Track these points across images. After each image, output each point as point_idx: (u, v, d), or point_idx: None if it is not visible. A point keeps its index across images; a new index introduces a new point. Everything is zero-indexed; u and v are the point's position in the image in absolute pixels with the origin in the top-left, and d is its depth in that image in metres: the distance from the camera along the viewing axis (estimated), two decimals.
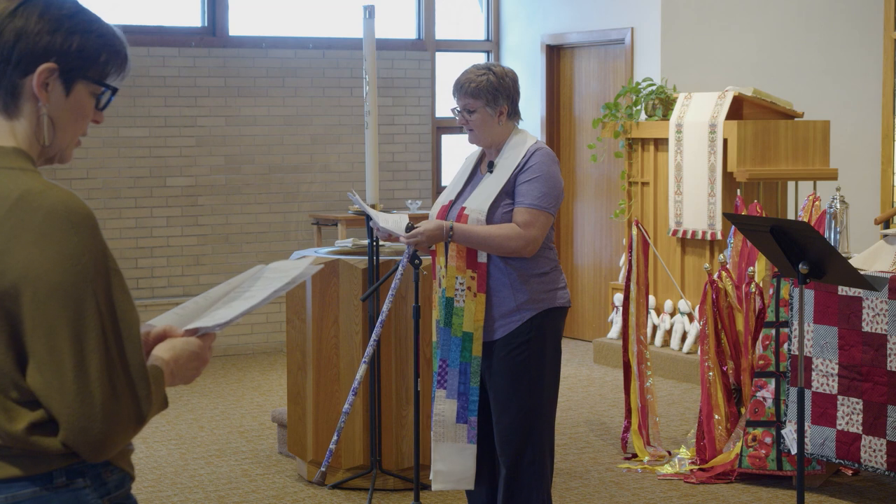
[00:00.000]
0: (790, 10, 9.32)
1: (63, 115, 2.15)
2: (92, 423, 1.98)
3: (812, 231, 4.63)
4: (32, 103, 2.12)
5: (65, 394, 1.97)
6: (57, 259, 1.98)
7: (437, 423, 4.48)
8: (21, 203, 2.01)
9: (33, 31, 2.10)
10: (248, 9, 9.61)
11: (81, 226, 2.00)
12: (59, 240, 1.98)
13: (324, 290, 5.79)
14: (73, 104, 2.15)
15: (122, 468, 2.16)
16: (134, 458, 2.49)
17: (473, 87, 4.41)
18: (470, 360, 4.40)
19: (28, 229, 1.99)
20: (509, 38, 10.39)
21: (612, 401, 7.67)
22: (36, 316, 1.97)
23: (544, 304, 4.38)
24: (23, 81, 2.11)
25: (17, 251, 1.98)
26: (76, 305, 1.98)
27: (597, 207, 9.64)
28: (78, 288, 1.98)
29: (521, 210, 4.32)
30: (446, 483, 4.51)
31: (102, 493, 2.11)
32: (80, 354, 1.97)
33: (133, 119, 9.10)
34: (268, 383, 8.30)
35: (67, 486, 2.07)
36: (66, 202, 2.01)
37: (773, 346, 5.88)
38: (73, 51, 2.12)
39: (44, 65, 2.10)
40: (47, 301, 1.97)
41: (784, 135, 7.92)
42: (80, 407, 1.97)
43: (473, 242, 4.34)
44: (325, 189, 9.71)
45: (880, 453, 5.34)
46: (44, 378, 1.98)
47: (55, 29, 2.11)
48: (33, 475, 2.05)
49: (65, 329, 1.97)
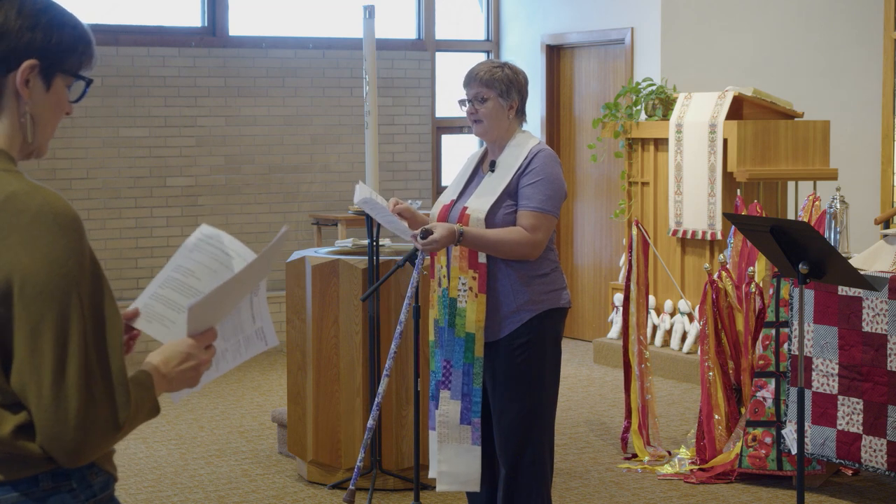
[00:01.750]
0: (790, 10, 9.32)
1: (44, 111, 2.14)
2: (65, 429, 1.95)
3: (812, 231, 4.63)
4: (13, 101, 2.10)
5: (41, 398, 1.95)
6: (44, 261, 1.96)
7: (442, 424, 4.47)
8: (8, 205, 1.99)
9: (14, 29, 2.08)
10: (248, 9, 9.61)
11: (68, 228, 1.99)
12: (47, 242, 1.97)
13: (324, 290, 5.79)
14: (53, 98, 2.14)
15: (106, 470, 2.14)
16: (134, 458, 2.50)
17: (489, 77, 4.43)
18: (472, 361, 4.40)
19: (15, 231, 1.97)
20: (509, 38, 10.39)
21: (612, 401, 7.67)
22: (20, 317, 1.96)
23: (545, 305, 4.38)
24: (4, 80, 2.09)
25: (4, 253, 1.97)
26: (61, 308, 1.96)
27: (597, 207, 9.64)
28: (63, 291, 1.96)
29: (527, 213, 4.32)
30: (452, 484, 4.49)
31: (88, 495, 2.09)
32: (60, 358, 1.95)
33: (133, 119, 9.10)
34: (268, 383, 8.30)
35: (54, 489, 2.05)
36: (53, 204, 1.99)
37: (773, 346, 5.88)
38: (53, 45, 2.11)
39: (27, 62, 2.09)
40: (33, 303, 1.95)
41: (784, 135, 7.92)
42: (54, 413, 1.95)
43: (482, 246, 4.33)
44: (325, 189, 9.71)
45: (880, 453, 5.34)
46: (23, 380, 1.96)
47: (34, 25, 2.09)
48: (16, 479, 2.03)
49: (48, 331, 1.95)
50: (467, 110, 4.49)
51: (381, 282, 5.26)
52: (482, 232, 4.32)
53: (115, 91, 9.02)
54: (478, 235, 4.32)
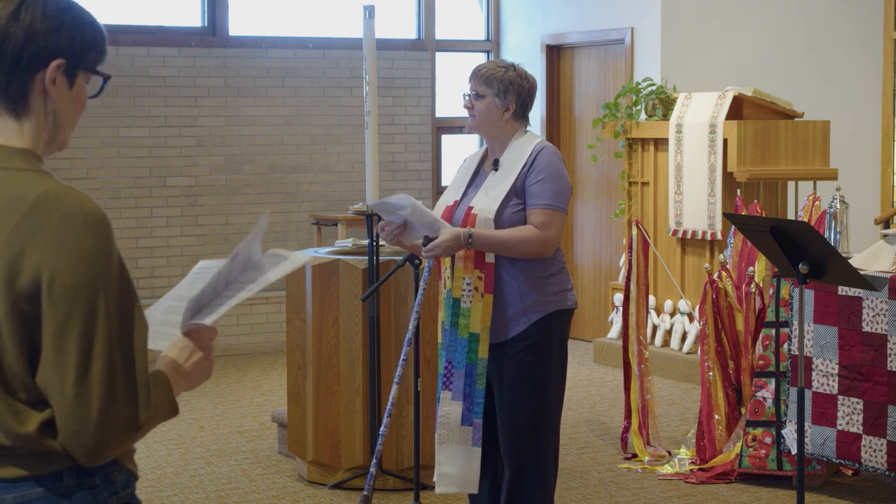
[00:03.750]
0: (790, 10, 9.32)
1: (67, 108, 2.17)
2: (87, 428, 1.97)
3: (812, 231, 4.63)
4: (41, 101, 2.13)
5: (64, 395, 1.97)
6: (72, 261, 1.98)
7: (442, 425, 4.44)
8: (39, 206, 2.02)
9: (41, 30, 2.10)
10: (248, 9, 9.61)
11: (98, 229, 2.01)
12: (75, 242, 1.99)
13: (324, 290, 5.79)
14: (75, 95, 2.18)
15: (128, 468, 2.16)
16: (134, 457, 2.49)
17: (489, 75, 4.43)
18: (476, 362, 4.37)
19: (45, 231, 1.99)
20: (509, 38, 10.40)
21: (612, 401, 7.68)
22: (48, 315, 1.98)
23: (552, 306, 4.36)
24: (31, 80, 2.12)
25: (35, 252, 1.99)
26: (88, 308, 1.98)
27: (597, 207, 9.64)
28: (90, 290, 1.98)
29: (537, 211, 4.31)
30: (450, 486, 4.46)
31: (111, 492, 2.11)
32: (85, 357, 1.97)
33: (133, 119, 9.10)
34: (268, 383, 8.30)
35: (78, 485, 2.07)
36: (82, 205, 2.02)
37: (773, 346, 5.88)
38: (77, 44, 2.14)
39: (54, 62, 2.11)
40: (60, 302, 1.97)
41: (784, 135, 7.92)
42: (76, 411, 1.97)
43: (493, 248, 4.30)
44: (325, 189, 9.71)
45: (880, 453, 5.34)
46: (46, 378, 1.99)
47: (60, 25, 2.12)
48: (41, 475, 2.05)
49: (74, 331, 1.97)
50: (465, 103, 4.51)
51: (381, 282, 5.26)
52: (492, 233, 4.29)
53: (115, 91, 9.01)
54: (488, 237, 4.28)
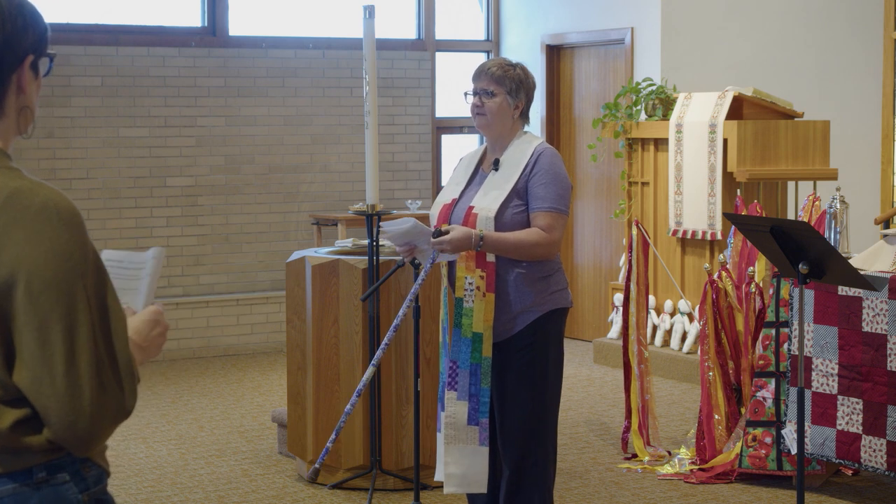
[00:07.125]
0: (790, 10, 9.32)
1: (34, 97, 2.20)
2: (81, 417, 2.01)
3: (812, 231, 4.63)
4: (14, 98, 2.15)
5: (55, 388, 1.99)
6: (49, 255, 2.00)
7: (449, 425, 4.43)
8: (11, 201, 2.03)
9: (12, 34, 2.13)
10: (248, 9, 9.61)
11: (72, 223, 2.04)
12: (51, 236, 2.01)
13: (324, 290, 5.79)
14: (38, 83, 2.21)
15: (99, 464, 2.18)
16: (134, 458, 2.51)
17: (501, 74, 4.45)
18: (480, 361, 4.38)
19: (20, 227, 2.01)
20: (509, 38, 10.39)
21: (612, 401, 7.68)
22: (28, 311, 2.00)
23: (548, 305, 4.38)
24: (9, 81, 2.14)
25: (9, 248, 2.01)
26: (68, 300, 2.00)
27: (597, 207, 9.64)
28: (70, 283, 2.01)
29: (542, 214, 4.33)
30: (460, 486, 4.44)
31: (82, 488, 2.13)
32: (71, 349, 2.00)
33: (133, 119, 9.10)
34: (268, 383, 8.30)
35: (48, 481, 2.09)
36: (55, 200, 2.04)
37: (773, 346, 5.88)
38: (38, 36, 2.17)
39: (27, 59, 2.15)
40: (40, 296, 2.00)
41: (784, 135, 7.92)
42: (69, 401, 2.00)
43: (503, 250, 4.31)
44: (325, 189, 9.71)
45: (880, 453, 5.34)
46: (32, 373, 2.00)
47: (24, 23, 2.14)
48: (12, 472, 2.07)
49: (57, 324, 2.00)
50: (473, 102, 4.49)
51: (381, 282, 5.26)
52: (502, 236, 4.31)
53: (115, 91, 9.02)
54: (498, 239, 4.30)
